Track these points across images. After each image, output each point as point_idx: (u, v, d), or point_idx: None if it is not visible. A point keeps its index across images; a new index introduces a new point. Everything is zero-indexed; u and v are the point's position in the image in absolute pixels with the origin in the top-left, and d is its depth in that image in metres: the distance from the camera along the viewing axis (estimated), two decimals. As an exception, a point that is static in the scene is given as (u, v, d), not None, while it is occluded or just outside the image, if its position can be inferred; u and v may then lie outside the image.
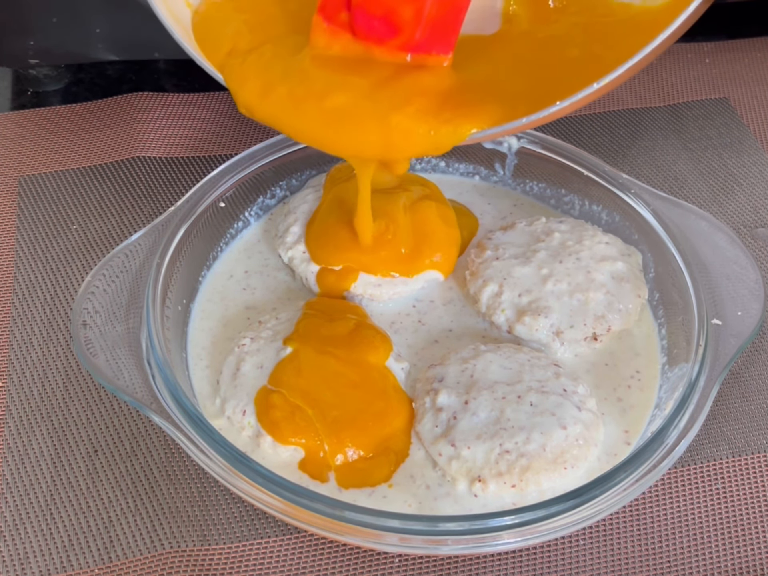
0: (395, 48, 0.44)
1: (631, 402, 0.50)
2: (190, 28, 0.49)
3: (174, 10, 0.48)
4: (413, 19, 0.43)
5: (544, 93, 0.41)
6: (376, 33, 0.44)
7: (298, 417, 0.46)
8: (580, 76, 0.40)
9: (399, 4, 0.42)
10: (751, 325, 0.50)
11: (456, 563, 0.45)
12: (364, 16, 0.43)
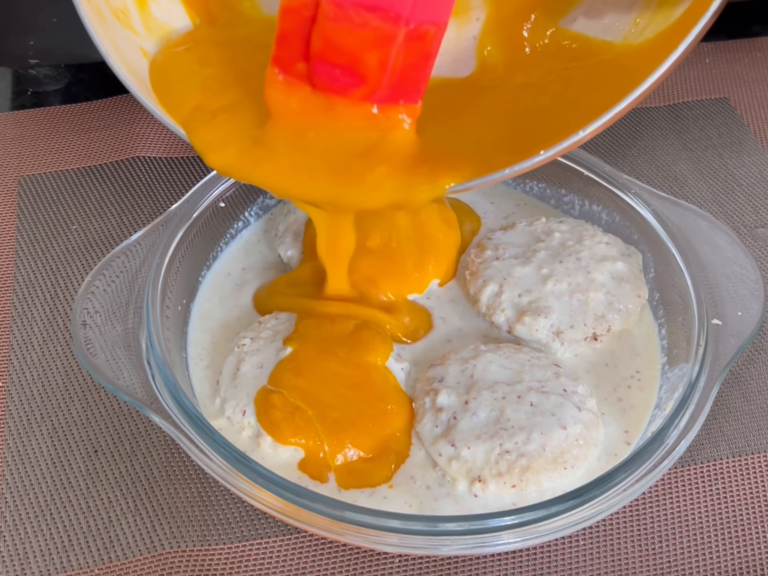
0: (360, 99, 0.41)
1: (631, 402, 0.50)
2: (147, 79, 0.45)
3: (129, 61, 0.44)
4: (378, 68, 0.39)
5: (520, 145, 0.40)
6: (338, 84, 0.40)
7: (298, 417, 0.46)
8: (560, 125, 0.39)
9: (363, 52, 0.39)
10: (752, 325, 0.50)
11: (456, 564, 0.45)
12: (325, 65, 0.40)
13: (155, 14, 0.47)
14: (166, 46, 0.47)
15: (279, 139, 0.42)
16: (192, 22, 0.48)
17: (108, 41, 0.43)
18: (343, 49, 0.39)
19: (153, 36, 0.46)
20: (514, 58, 0.45)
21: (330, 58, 0.40)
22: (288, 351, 0.49)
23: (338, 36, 0.39)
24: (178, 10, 0.47)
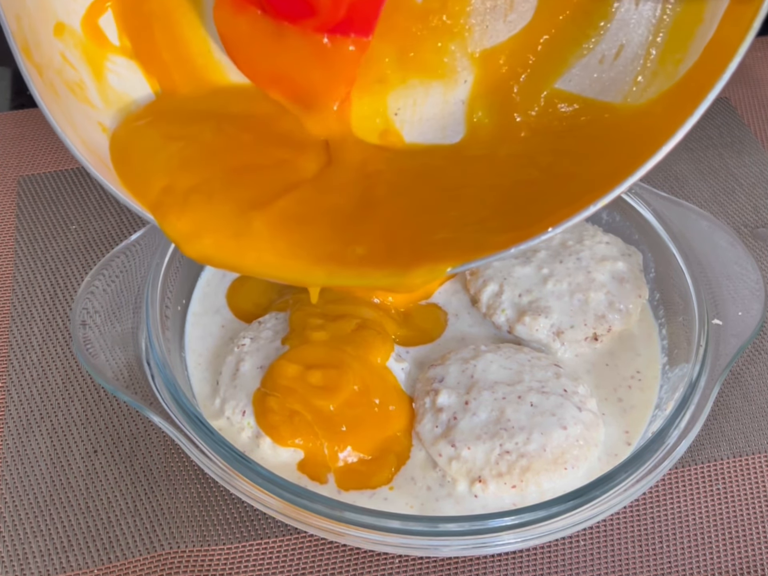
0: (311, 28, 0.40)
1: (631, 402, 0.50)
2: (108, 158, 0.41)
3: (88, 139, 0.41)
4: (332, 1, 0.39)
5: (513, 223, 0.38)
6: (290, 11, 0.39)
7: (297, 420, 0.46)
8: (556, 200, 0.37)
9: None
10: (752, 326, 0.49)
11: (456, 564, 0.45)
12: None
13: (113, 85, 0.44)
14: (127, 119, 0.43)
15: (256, 216, 0.39)
16: (153, 92, 0.45)
17: (63, 118, 0.40)
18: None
19: (111, 109, 0.43)
20: (505, 124, 0.43)
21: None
22: (287, 350, 0.48)
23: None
24: (137, 79, 0.45)
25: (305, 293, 0.53)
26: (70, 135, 0.40)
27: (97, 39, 0.43)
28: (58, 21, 0.41)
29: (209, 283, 0.56)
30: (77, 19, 0.42)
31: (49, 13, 0.41)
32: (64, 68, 0.41)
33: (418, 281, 0.37)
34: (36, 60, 0.39)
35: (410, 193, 0.41)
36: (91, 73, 0.43)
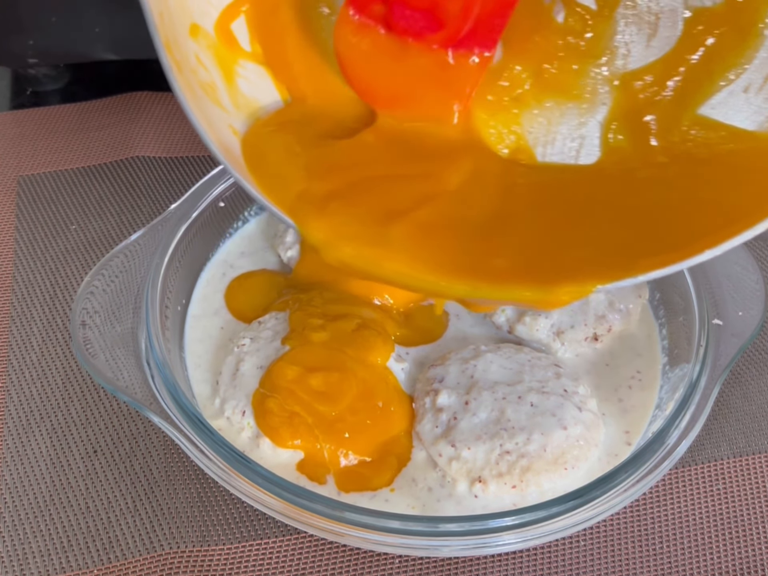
0: (436, 43, 0.40)
1: (631, 402, 0.50)
2: (241, 159, 0.42)
3: (222, 138, 0.41)
4: (460, 13, 0.39)
5: (661, 245, 0.37)
6: (415, 27, 0.40)
7: (297, 421, 0.46)
8: (701, 226, 0.37)
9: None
10: (752, 326, 0.49)
11: (456, 564, 0.45)
12: (405, 8, 0.40)
13: (243, 90, 0.44)
14: (256, 124, 0.44)
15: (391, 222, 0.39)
16: (282, 99, 0.46)
17: (200, 115, 0.40)
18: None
19: (241, 113, 0.44)
20: (643, 148, 0.43)
21: (412, 1, 0.39)
22: (287, 350, 0.48)
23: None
24: (267, 86, 0.45)
25: (305, 293, 0.53)
26: (208, 132, 0.40)
27: (229, 43, 0.44)
28: (194, 22, 0.42)
29: (209, 284, 0.56)
30: (211, 23, 0.43)
31: (187, 14, 0.41)
32: (198, 69, 0.41)
33: (565, 298, 0.37)
34: (176, 57, 0.39)
35: (547, 208, 0.41)
36: (223, 76, 0.43)
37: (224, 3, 0.44)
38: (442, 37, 0.40)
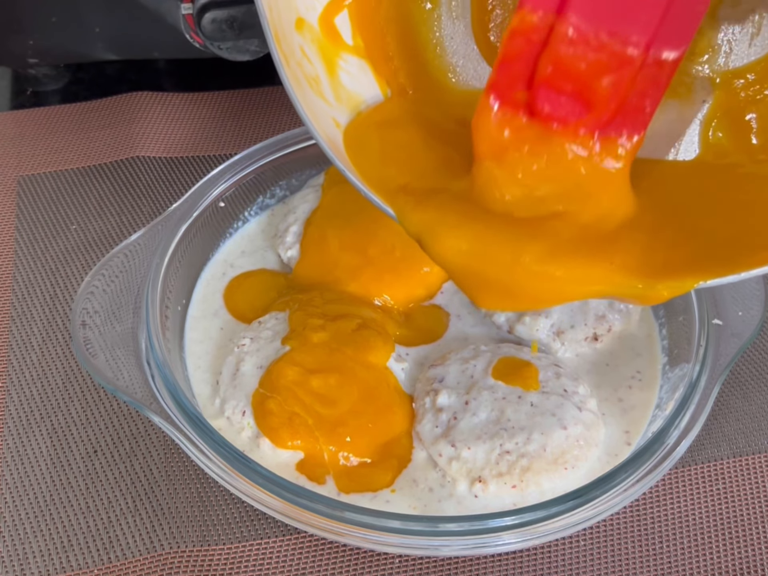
0: (583, 127, 0.38)
1: (631, 402, 0.50)
2: (343, 150, 0.43)
3: (325, 130, 0.42)
4: (609, 95, 0.37)
5: (764, 242, 0.37)
6: (561, 112, 0.38)
7: (297, 422, 0.46)
8: None
9: (595, 78, 0.37)
10: (752, 325, 0.49)
11: (456, 564, 0.45)
12: (550, 92, 0.38)
13: (345, 83, 0.45)
14: (357, 118, 0.44)
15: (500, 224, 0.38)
16: (382, 93, 0.46)
17: (307, 108, 0.41)
18: (574, 75, 0.37)
19: (342, 106, 0.44)
20: (744, 146, 0.42)
21: (557, 84, 0.37)
22: (287, 350, 0.48)
23: (570, 61, 0.37)
24: (367, 80, 0.46)
25: (305, 293, 0.53)
26: (314, 123, 0.41)
27: (332, 37, 0.45)
28: (299, 16, 0.43)
29: (209, 284, 0.56)
30: (315, 16, 0.44)
31: (293, 8, 0.43)
32: (303, 62, 0.43)
33: (665, 293, 0.36)
34: (284, 49, 0.41)
35: (647, 203, 0.40)
36: (326, 69, 0.44)
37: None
38: (590, 121, 0.38)
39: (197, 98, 0.72)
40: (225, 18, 0.59)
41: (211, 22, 0.59)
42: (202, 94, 0.72)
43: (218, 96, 0.72)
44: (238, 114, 0.71)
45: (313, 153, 0.60)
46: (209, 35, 0.60)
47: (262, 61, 0.64)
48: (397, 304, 0.54)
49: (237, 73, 0.75)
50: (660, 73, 0.38)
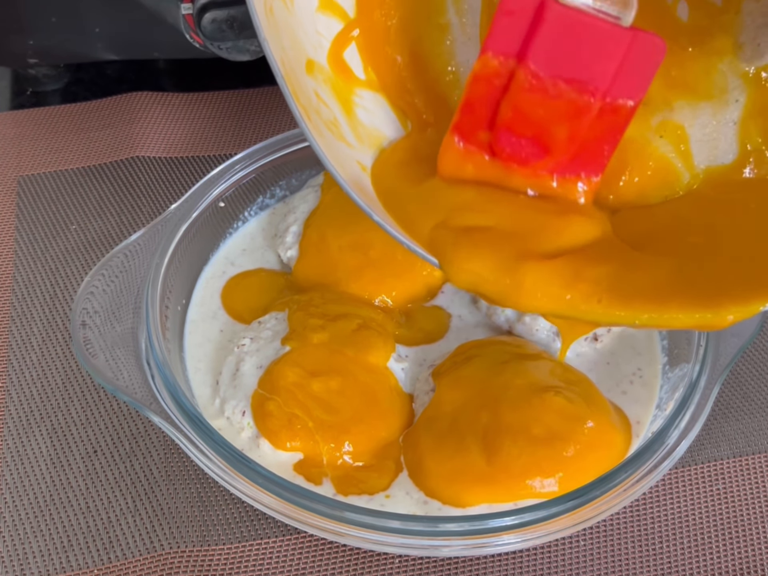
0: (541, 170, 0.40)
1: (635, 396, 0.50)
2: (374, 195, 0.42)
3: (352, 176, 0.41)
4: (566, 140, 0.39)
5: None
6: (521, 154, 0.40)
7: (297, 423, 0.46)
8: None
9: (553, 124, 0.38)
10: (752, 326, 0.49)
11: (456, 564, 0.45)
12: (510, 136, 0.39)
13: (363, 120, 0.44)
14: (380, 156, 0.44)
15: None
16: (402, 126, 0.45)
17: (331, 156, 0.40)
18: (533, 120, 0.39)
19: (364, 145, 0.44)
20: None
21: (517, 129, 0.39)
22: (287, 350, 0.48)
23: (530, 107, 0.38)
24: (385, 113, 0.45)
25: (305, 293, 0.53)
26: (341, 172, 0.39)
27: (343, 73, 0.44)
28: (308, 58, 0.42)
29: (209, 284, 0.56)
30: (324, 55, 0.43)
31: (301, 51, 0.42)
32: (320, 107, 0.41)
33: (730, 319, 0.35)
34: (303, 102, 0.40)
35: (691, 219, 0.40)
36: (342, 109, 0.43)
37: (334, 31, 0.44)
38: (548, 164, 0.40)
39: (197, 98, 0.72)
40: (225, 18, 0.59)
41: (211, 22, 0.59)
42: (202, 94, 0.72)
43: (218, 96, 0.72)
44: (238, 114, 0.71)
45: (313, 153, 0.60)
46: (209, 35, 0.60)
47: (262, 61, 0.64)
48: (398, 305, 0.54)
49: (237, 73, 0.75)
50: (617, 119, 0.39)
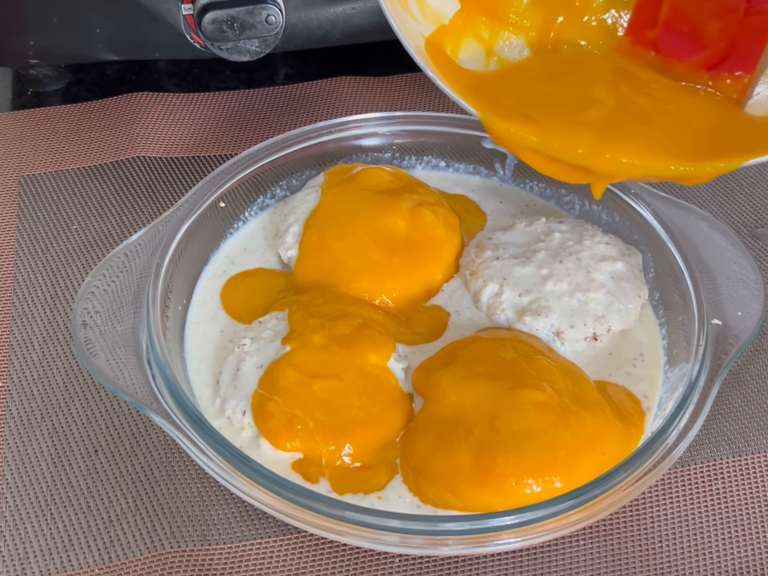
0: (696, 64, 0.46)
1: (640, 375, 0.50)
2: (431, 61, 0.50)
3: (417, 44, 0.50)
4: (719, 37, 0.44)
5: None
6: (680, 49, 0.46)
7: (297, 424, 0.46)
8: None
9: (706, 22, 0.44)
10: (751, 325, 0.50)
11: (456, 563, 0.45)
12: (671, 32, 0.46)
13: (430, 2, 0.52)
14: (438, 28, 0.52)
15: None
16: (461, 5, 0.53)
17: (401, 25, 0.48)
18: (689, 19, 0.45)
19: (428, 21, 0.52)
20: None
21: (676, 26, 0.45)
22: (287, 350, 0.48)
23: (685, 7, 0.45)
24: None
25: (305, 293, 0.53)
26: (407, 38, 0.48)
27: None
28: None
29: (209, 284, 0.56)
30: None
31: None
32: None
33: (713, 172, 0.43)
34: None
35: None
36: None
37: None
38: (703, 59, 0.45)
39: (197, 98, 0.72)
40: (225, 18, 0.59)
41: (211, 22, 0.59)
42: (202, 95, 0.72)
43: (218, 96, 0.72)
44: (238, 114, 0.71)
45: (313, 153, 0.60)
46: (210, 36, 0.60)
47: (262, 61, 0.65)
48: (398, 305, 0.54)
49: (237, 73, 0.75)
50: (764, 20, 0.44)
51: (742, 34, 0.44)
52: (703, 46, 0.45)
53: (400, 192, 0.56)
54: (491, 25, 0.53)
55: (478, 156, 0.63)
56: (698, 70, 0.46)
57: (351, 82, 0.74)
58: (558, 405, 0.45)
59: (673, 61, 0.47)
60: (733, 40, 0.44)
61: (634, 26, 0.47)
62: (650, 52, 0.47)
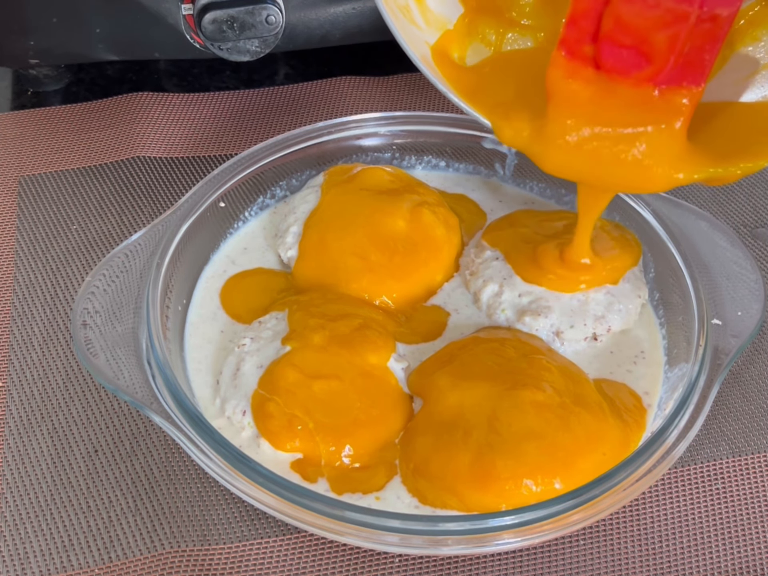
0: (643, 80, 0.42)
1: (641, 372, 0.50)
2: (437, 68, 0.50)
3: (422, 53, 0.49)
4: (666, 49, 0.41)
5: None
6: (623, 64, 0.42)
7: (297, 425, 0.46)
8: None
9: (652, 33, 0.40)
10: (751, 325, 0.50)
11: (456, 563, 0.45)
12: (613, 46, 0.42)
13: (431, 7, 0.51)
14: (443, 34, 0.51)
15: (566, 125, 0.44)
16: (464, 9, 0.52)
17: (404, 36, 0.48)
18: (633, 30, 0.41)
19: (432, 28, 0.51)
20: None
21: (619, 39, 0.41)
22: (287, 350, 0.48)
23: (629, 17, 0.40)
24: (452, 1, 0.52)
25: (305, 293, 0.53)
26: (411, 47, 0.48)
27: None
28: None
29: (209, 284, 0.56)
30: None
31: None
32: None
33: (739, 172, 0.43)
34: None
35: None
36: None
37: None
38: (649, 74, 0.42)
39: (197, 98, 0.72)
40: (225, 19, 0.59)
41: (211, 22, 0.59)
42: (202, 95, 0.72)
43: (218, 96, 0.72)
44: (238, 114, 0.71)
45: (313, 153, 0.60)
46: (210, 36, 0.60)
47: (262, 61, 0.65)
48: (398, 305, 0.54)
49: (237, 73, 0.75)
50: (715, 28, 0.40)
51: (692, 44, 0.41)
52: (649, 59, 0.41)
53: (400, 192, 0.56)
54: (497, 27, 0.52)
55: (478, 156, 0.63)
56: (644, 84, 0.42)
57: (351, 82, 0.74)
58: (558, 405, 0.45)
59: (615, 76, 0.43)
60: (681, 50, 0.41)
61: (567, 41, 0.43)
62: (589, 69, 0.43)
